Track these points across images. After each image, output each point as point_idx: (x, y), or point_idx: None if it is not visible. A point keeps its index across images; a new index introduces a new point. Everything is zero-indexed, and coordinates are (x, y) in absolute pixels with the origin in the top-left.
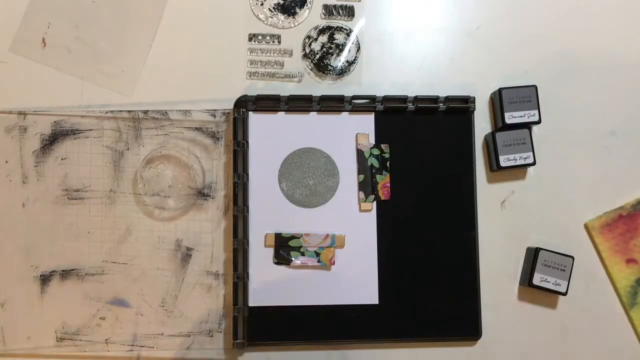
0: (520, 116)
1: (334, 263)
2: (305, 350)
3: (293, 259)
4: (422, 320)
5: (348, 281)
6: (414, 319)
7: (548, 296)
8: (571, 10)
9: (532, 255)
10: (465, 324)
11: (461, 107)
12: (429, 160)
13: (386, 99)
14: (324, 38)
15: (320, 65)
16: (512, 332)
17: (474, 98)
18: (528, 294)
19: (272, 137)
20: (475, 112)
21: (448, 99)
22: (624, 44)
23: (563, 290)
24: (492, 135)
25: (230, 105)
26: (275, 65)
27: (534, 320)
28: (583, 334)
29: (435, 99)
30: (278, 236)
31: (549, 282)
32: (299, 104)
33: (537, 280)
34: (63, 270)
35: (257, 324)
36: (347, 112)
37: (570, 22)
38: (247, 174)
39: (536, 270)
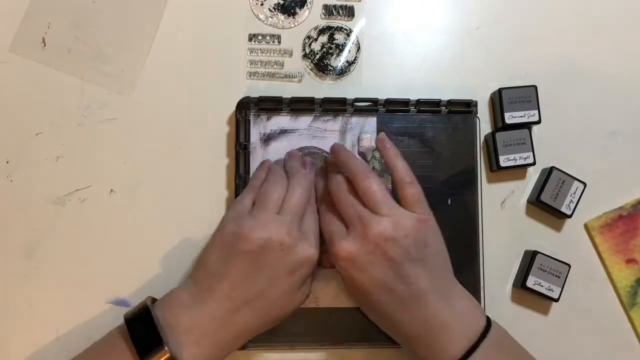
0: (520, 116)
1: (334, 265)
2: (304, 352)
3: None
4: None
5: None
6: None
7: (542, 298)
8: (571, 10)
9: (529, 258)
10: None
11: (464, 111)
12: (431, 164)
13: (388, 101)
14: (324, 38)
15: (320, 66)
16: (512, 332)
17: (477, 102)
18: (522, 296)
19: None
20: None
21: (450, 102)
22: (624, 44)
23: (555, 296)
24: (492, 135)
25: (231, 106)
26: (275, 66)
27: (534, 320)
28: (583, 334)
29: (437, 102)
30: None
31: (542, 286)
32: (301, 105)
33: (530, 283)
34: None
35: None
36: (349, 115)
37: (570, 23)
38: (249, 176)
39: (531, 273)
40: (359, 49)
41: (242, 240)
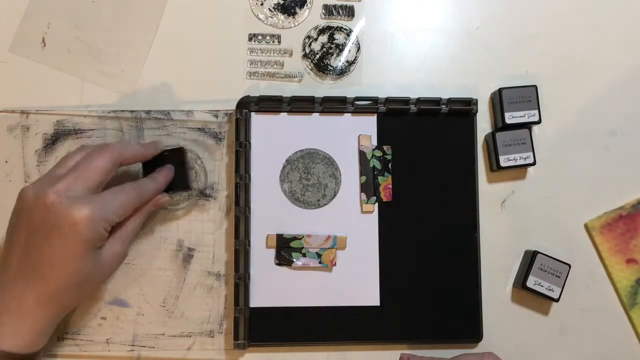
0: (520, 116)
1: (335, 264)
2: (306, 351)
3: (294, 260)
4: (423, 322)
5: (349, 282)
6: (415, 321)
7: (542, 299)
8: (571, 10)
9: (529, 258)
10: (466, 326)
11: (464, 110)
12: (430, 162)
13: (389, 100)
14: (324, 38)
15: (320, 65)
16: (513, 333)
17: (477, 100)
18: (522, 296)
19: (274, 138)
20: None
21: (450, 101)
22: (624, 44)
23: (555, 296)
24: (492, 135)
25: (231, 106)
26: (275, 65)
27: (533, 321)
28: (583, 334)
29: (437, 101)
30: (279, 237)
31: (542, 286)
32: (301, 105)
33: (530, 283)
34: None
35: (258, 324)
36: (349, 114)
37: (570, 22)
38: (249, 175)
39: (531, 273)
40: (359, 49)
41: (18, 201)
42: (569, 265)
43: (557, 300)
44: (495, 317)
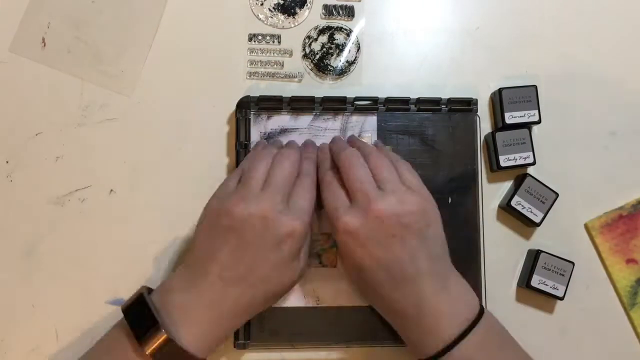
0: (520, 116)
1: (335, 264)
2: (306, 351)
3: None
4: None
5: (349, 282)
6: None
7: (547, 297)
8: (571, 10)
9: (533, 257)
10: None
11: (464, 109)
12: (431, 162)
13: (389, 100)
14: (324, 38)
15: (320, 66)
16: (513, 333)
17: (477, 100)
18: (527, 296)
19: (274, 138)
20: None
21: (450, 101)
22: (624, 44)
23: (560, 294)
24: (492, 135)
25: (231, 106)
26: (275, 66)
27: (534, 321)
28: (583, 334)
29: (437, 101)
30: None
31: (547, 285)
32: (301, 105)
33: (535, 282)
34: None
35: (258, 324)
36: (349, 114)
37: (570, 22)
38: None
39: (535, 272)
40: (359, 49)
41: (224, 217)
42: (573, 263)
43: (561, 299)
44: (500, 318)
